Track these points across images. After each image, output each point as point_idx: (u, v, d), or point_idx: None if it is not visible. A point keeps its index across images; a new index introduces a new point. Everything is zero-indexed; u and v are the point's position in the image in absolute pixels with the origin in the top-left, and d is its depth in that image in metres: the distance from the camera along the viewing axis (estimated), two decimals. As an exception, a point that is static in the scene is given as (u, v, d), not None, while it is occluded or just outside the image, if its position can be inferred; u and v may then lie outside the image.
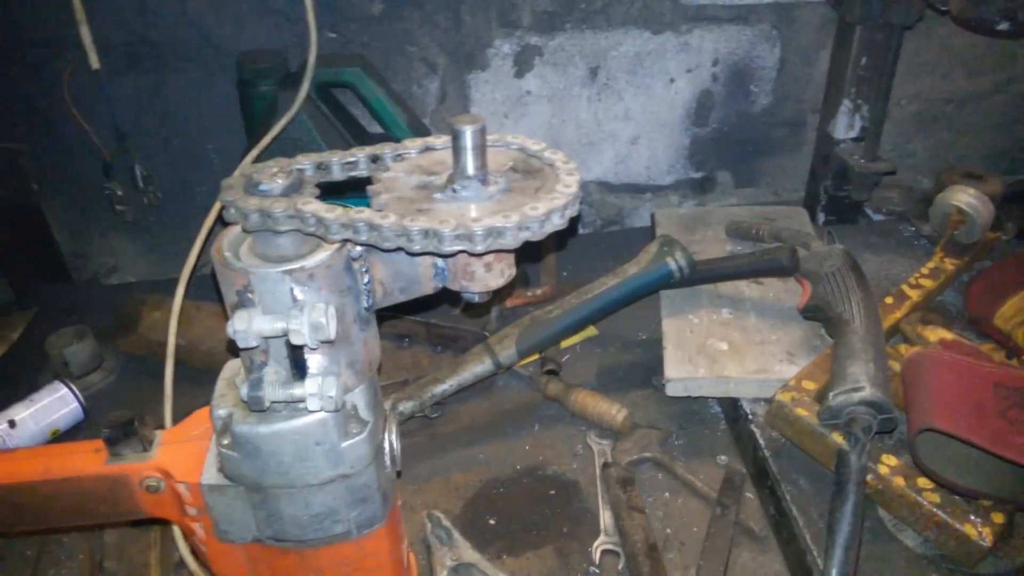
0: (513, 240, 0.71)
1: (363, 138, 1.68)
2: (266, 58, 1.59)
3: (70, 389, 1.45)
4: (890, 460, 1.18)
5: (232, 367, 0.91)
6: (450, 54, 1.80)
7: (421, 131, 1.66)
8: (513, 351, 1.44)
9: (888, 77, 1.61)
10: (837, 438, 1.19)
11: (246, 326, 0.73)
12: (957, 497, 1.11)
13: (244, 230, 0.76)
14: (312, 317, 0.73)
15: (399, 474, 0.97)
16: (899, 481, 1.15)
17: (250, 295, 0.76)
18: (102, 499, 0.90)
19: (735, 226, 1.71)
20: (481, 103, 1.87)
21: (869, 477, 1.15)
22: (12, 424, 1.37)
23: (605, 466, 1.36)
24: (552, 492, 1.35)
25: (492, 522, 1.30)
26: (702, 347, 1.44)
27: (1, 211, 1.75)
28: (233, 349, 0.81)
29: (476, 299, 0.83)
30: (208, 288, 1.51)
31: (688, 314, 1.52)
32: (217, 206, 1.31)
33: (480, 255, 0.76)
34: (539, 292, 1.73)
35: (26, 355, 1.64)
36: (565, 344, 1.62)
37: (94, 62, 1.54)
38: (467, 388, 1.48)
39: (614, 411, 1.42)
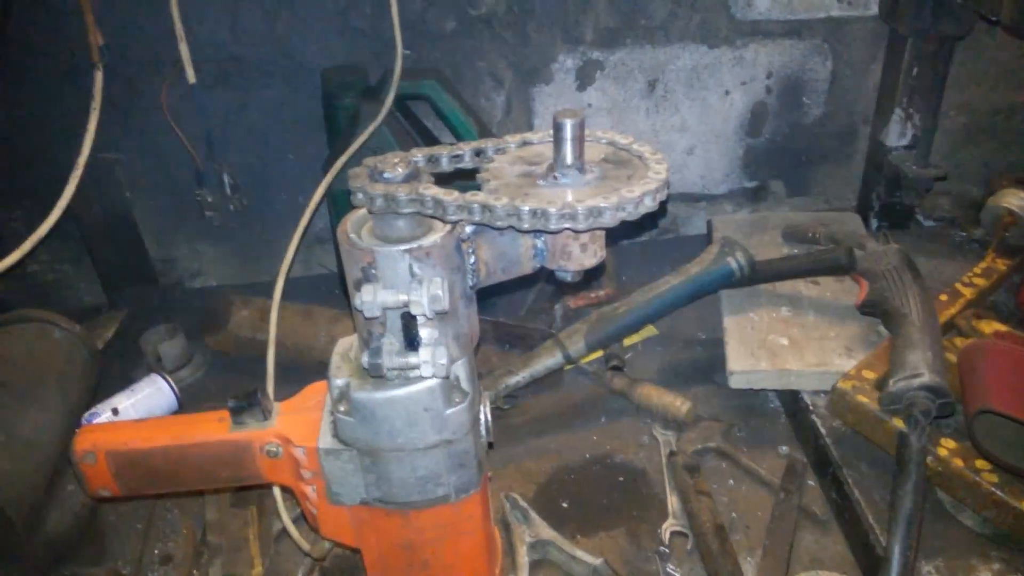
0: (611, 219, 0.80)
1: (436, 147, 1.77)
2: (349, 73, 1.70)
3: (167, 381, 1.55)
4: (949, 443, 1.23)
5: (344, 344, 1.00)
6: (516, 69, 1.89)
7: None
8: (582, 345, 1.52)
9: (939, 86, 1.68)
10: (898, 423, 1.25)
11: (372, 298, 0.82)
12: (1014, 477, 1.16)
13: (370, 212, 0.85)
14: (431, 290, 0.82)
15: (491, 445, 1.04)
16: (958, 463, 1.20)
17: (373, 271, 0.85)
18: (225, 463, 1.00)
19: (791, 230, 1.77)
20: (544, 115, 1.96)
21: (928, 459, 1.21)
22: (115, 412, 1.47)
23: (671, 454, 1.42)
24: (620, 479, 1.42)
25: (565, 505, 1.37)
26: (763, 342, 1.50)
27: (97, 218, 1.86)
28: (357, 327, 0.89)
29: (570, 278, 0.91)
30: (291, 290, 1.61)
31: (748, 312, 1.59)
32: (311, 208, 1.41)
33: (578, 234, 0.84)
34: (601, 293, 1.81)
35: (121, 352, 1.75)
36: (628, 343, 1.69)
37: (191, 76, 1.65)
38: (536, 382, 1.56)
39: (678, 403, 1.49)
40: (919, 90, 1.74)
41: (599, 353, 1.62)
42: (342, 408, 0.93)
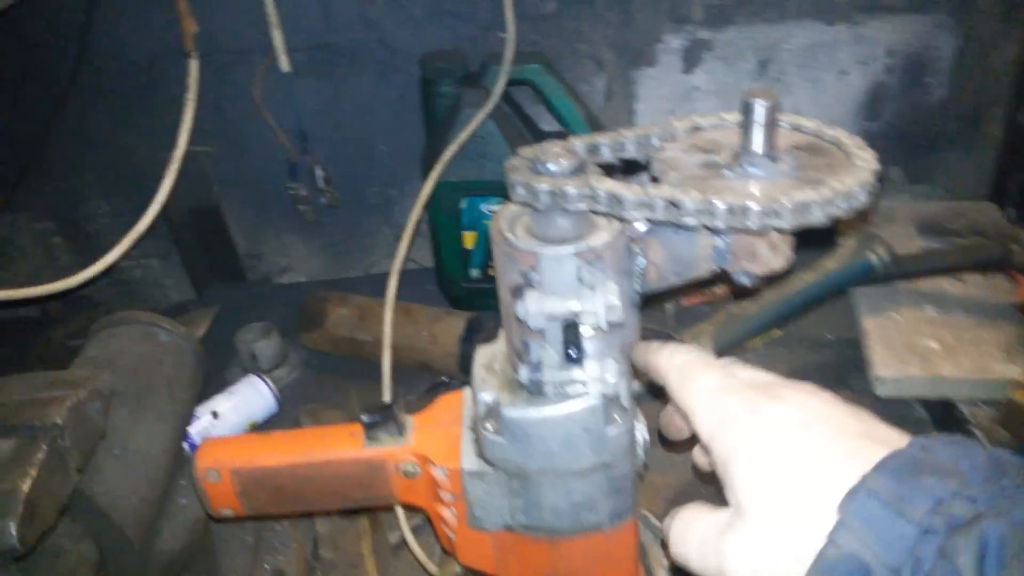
0: (822, 215, 0.68)
1: (539, 136, 1.68)
2: (448, 58, 1.61)
3: (266, 382, 1.49)
4: None
5: (486, 354, 0.90)
6: (618, 51, 1.78)
7: (598, 127, 1.64)
8: (710, 348, 1.41)
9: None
10: (1083, 439, 1.12)
11: (538, 307, 0.73)
12: None
13: (534, 209, 0.75)
14: (607, 298, 0.72)
15: (646, 466, 0.94)
16: None
17: (536, 276, 0.75)
18: (358, 483, 0.91)
19: (928, 221, 1.63)
20: (647, 99, 1.85)
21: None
22: (215, 415, 1.41)
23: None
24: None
25: (696, 522, 1.27)
26: (911, 346, 1.38)
27: (184, 212, 1.80)
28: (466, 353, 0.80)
29: (749, 282, 0.80)
30: (381, 286, 1.53)
31: (889, 312, 1.46)
32: (422, 201, 1.32)
33: (765, 234, 0.73)
34: (717, 291, 1.69)
35: (213, 351, 1.68)
36: (748, 345, 1.57)
37: (284, 65, 1.58)
38: (656, 386, 1.45)
39: (812, 411, 1.37)
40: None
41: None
42: (490, 426, 0.83)
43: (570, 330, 0.77)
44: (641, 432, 0.90)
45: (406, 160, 1.72)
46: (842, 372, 1.50)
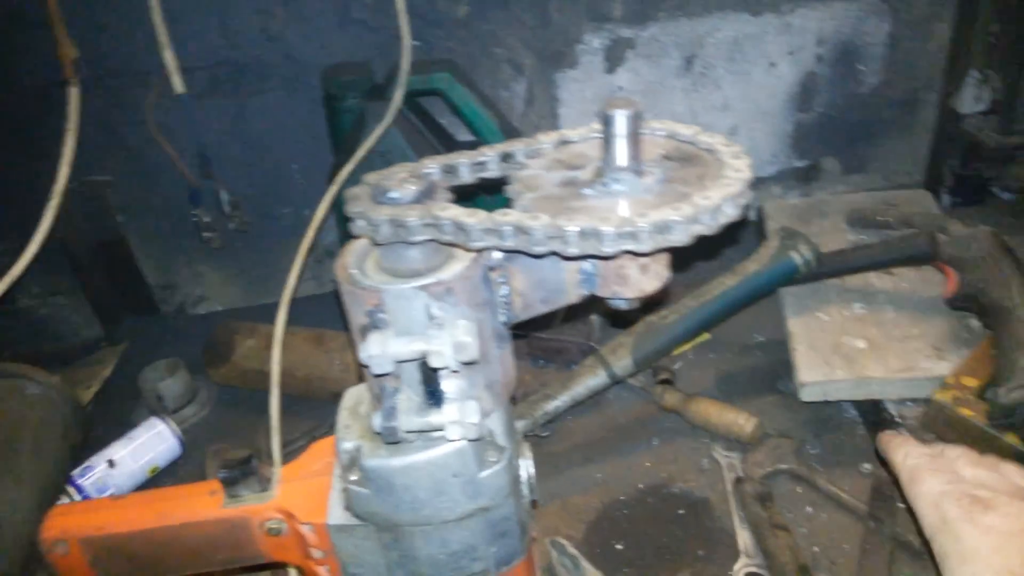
0: (684, 235, 0.62)
1: (452, 147, 1.61)
2: (352, 70, 1.53)
3: (167, 425, 1.41)
4: (1077, 462, 1.05)
5: (353, 395, 0.83)
6: (537, 53, 1.72)
7: (513, 135, 1.58)
8: (629, 361, 1.35)
9: (1024, 41, 1.48)
10: (1012, 439, 1.07)
11: (381, 350, 0.65)
12: None
13: (375, 243, 0.68)
14: (455, 336, 0.65)
15: (535, 503, 0.87)
16: (1091, 487, 1.02)
17: (382, 315, 0.68)
18: (221, 544, 0.84)
19: (857, 214, 1.58)
20: (570, 103, 1.78)
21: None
22: (112, 464, 1.33)
23: (737, 481, 1.25)
24: (681, 511, 1.25)
25: (619, 547, 1.21)
26: (837, 346, 1.32)
27: (88, 245, 1.72)
28: (362, 376, 0.73)
29: (625, 306, 0.74)
30: (300, 312, 1.45)
31: (816, 311, 1.40)
32: (315, 226, 1.24)
33: (638, 256, 0.66)
34: (661, 296, 1.62)
35: (120, 391, 1.61)
36: (677, 351, 1.51)
37: (178, 86, 1.49)
38: (578, 403, 1.39)
39: (741, 420, 1.31)
40: (998, 49, 1.54)
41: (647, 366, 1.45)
42: (353, 477, 0.76)
43: (427, 372, 0.70)
44: (527, 468, 0.84)
45: (320, 179, 1.64)
46: (771, 375, 1.44)
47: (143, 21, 1.45)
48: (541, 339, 1.53)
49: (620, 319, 1.50)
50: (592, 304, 0.76)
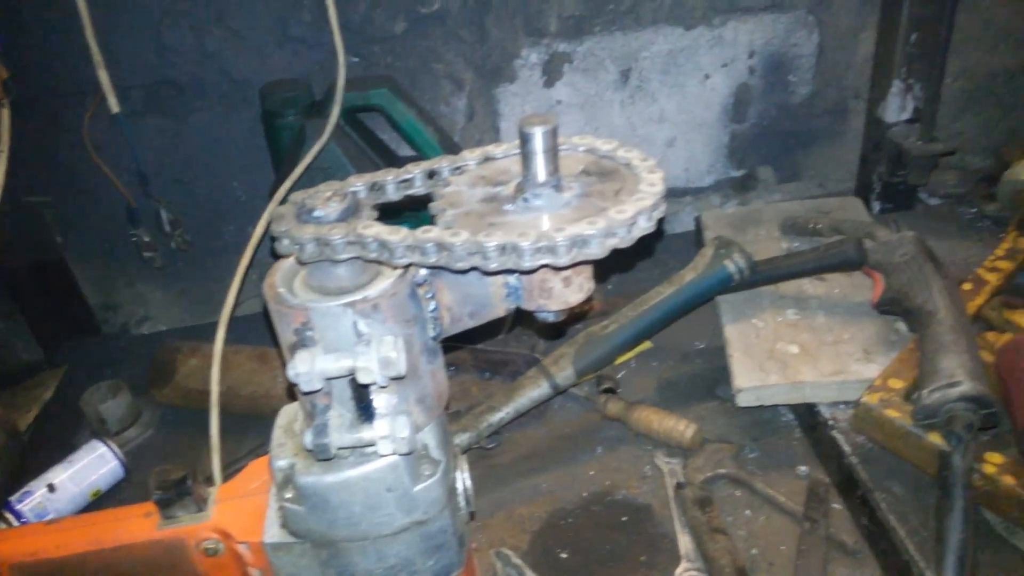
0: (599, 249, 0.64)
1: (394, 162, 1.61)
2: (290, 87, 1.54)
3: (108, 447, 1.39)
4: (995, 458, 1.09)
5: (288, 413, 0.84)
6: (476, 69, 1.73)
7: (454, 150, 1.59)
8: (571, 371, 1.37)
9: (942, 51, 1.53)
10: (935, 439, 1.11)
11: (309, 367, 0.66)
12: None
13: (299, 262, 0.69)
14: (381, 352, 0.66)
15: (472, 515, 0.89)
16: (1008, 480, 1.06)
17: (310, 333, 0.69)
18: (158, 567, 0.84)
19: (790, 222, 1.62)
20: (511, 117, 1.80)
21: (974, 478, 1.06)
22: (52, 488, 1.31)
23: (678, 487, 1.27)
24: (624, 518, 1.27)
25: (564, 556, 1.22)
26: (771, 352, 1.35)
27: (26, 267, 1.69)
28: (293, 393, 0.74)
29: (552, 318, 0.75)
30: (245, 330, 1.45)
31: (751, 318, 1.44)
32: (253, 244, 1.25)
33: (560, 269, 0.68)
34: (586, 307, 1.65)
35: (60, 414, 1.58)
36: (619, 360, 1.53)
37: (114, 105, 1.48)
38: (522, 414, 1.40)
39: (682, 427, 1.34)
40: (918, 59, 1.59)
41: (591, 376, 1.47)
42: (288, 495, 0.76)
43: (357, 388, 0.71)
44: (463, 480, 0.85)
45: (262, 197, 1.63)
46: (711, 382, 1.47)
47: (78, 40, 1.44)
48: (486, 351, 1.54)
49: (550, 331, 1.53)
50: (524, 317, 0.78)
